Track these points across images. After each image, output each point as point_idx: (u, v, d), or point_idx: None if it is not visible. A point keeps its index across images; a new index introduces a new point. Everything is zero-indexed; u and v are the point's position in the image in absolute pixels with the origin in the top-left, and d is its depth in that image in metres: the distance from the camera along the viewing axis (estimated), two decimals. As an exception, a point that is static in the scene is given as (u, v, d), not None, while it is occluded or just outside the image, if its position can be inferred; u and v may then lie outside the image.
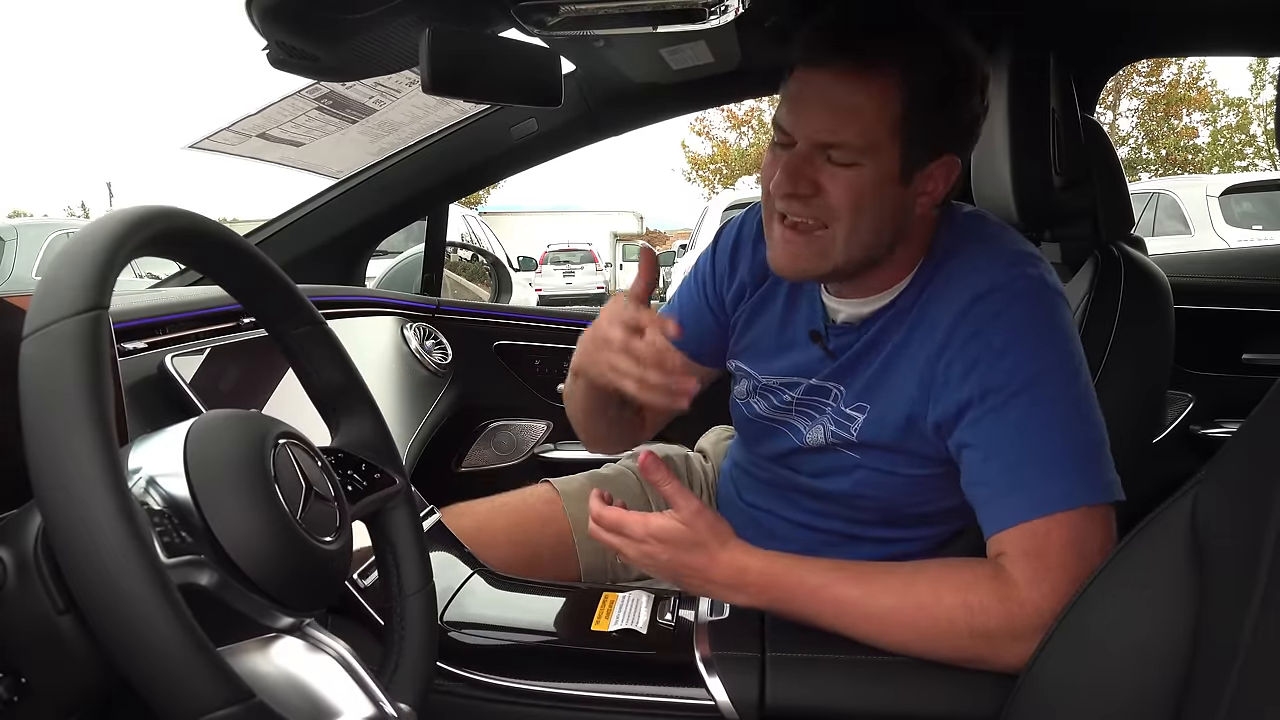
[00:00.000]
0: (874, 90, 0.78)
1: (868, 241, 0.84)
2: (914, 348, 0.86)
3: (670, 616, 0.87)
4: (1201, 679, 0.56)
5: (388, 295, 1.66)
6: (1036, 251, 0.88)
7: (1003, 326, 0.81)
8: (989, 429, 0.80)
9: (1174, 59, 16.25)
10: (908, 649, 0.78)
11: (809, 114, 0.81)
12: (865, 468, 0.92)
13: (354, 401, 0.74)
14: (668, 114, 1.70)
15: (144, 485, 0.53)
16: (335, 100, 1.45)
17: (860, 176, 0.80)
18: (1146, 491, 0.77)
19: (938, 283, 0.87)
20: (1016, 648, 0.73)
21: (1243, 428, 0.60)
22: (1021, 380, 0.79)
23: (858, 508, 0.95)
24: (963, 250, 0.87)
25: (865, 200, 0.81)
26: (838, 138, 0.79)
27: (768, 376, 0.99)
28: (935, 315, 0.85)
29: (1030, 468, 0.78)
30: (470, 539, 1.05)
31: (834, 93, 0.79)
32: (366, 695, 0.58)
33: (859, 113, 0.79)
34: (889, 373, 0.88)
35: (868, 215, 0.82)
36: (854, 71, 0.79)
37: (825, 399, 0.94)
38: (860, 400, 0.90)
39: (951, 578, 0.78)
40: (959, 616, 0.75)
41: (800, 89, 0.82)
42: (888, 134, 0.79)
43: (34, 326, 0.45)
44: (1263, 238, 6.17)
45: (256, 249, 0.64)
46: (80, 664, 0.48)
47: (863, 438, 0.90)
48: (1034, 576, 0.75)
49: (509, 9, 1.00)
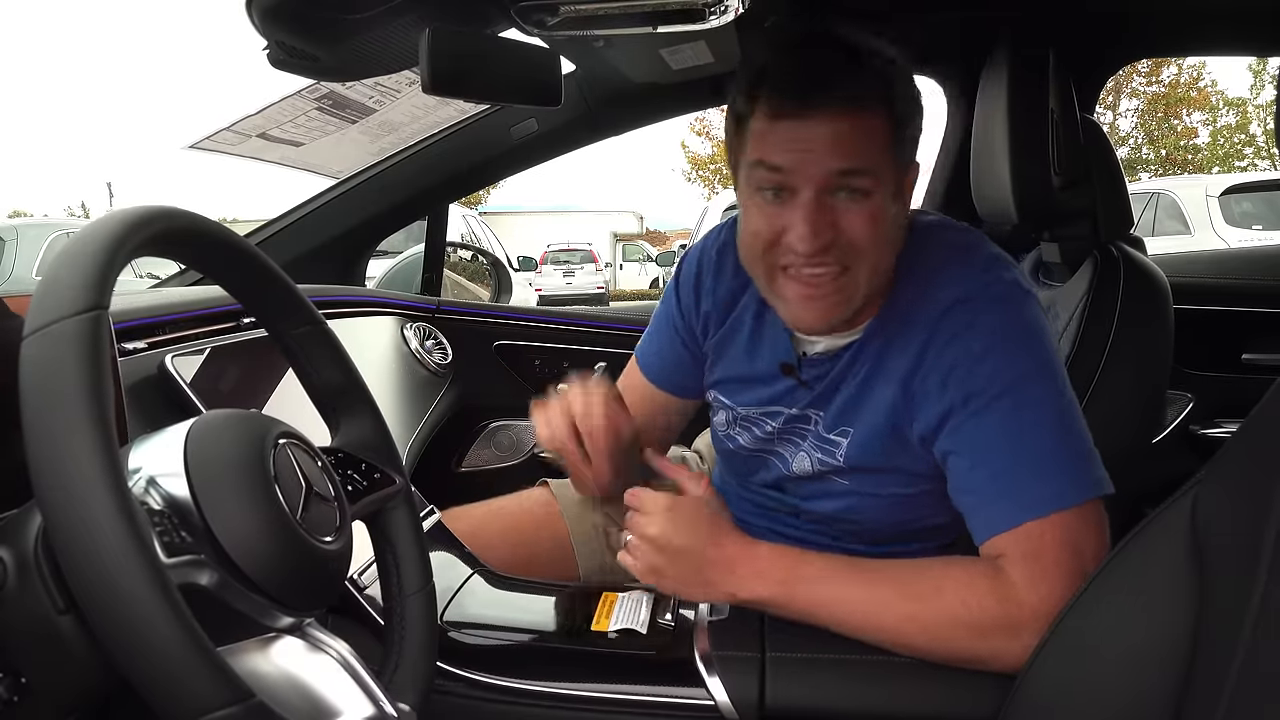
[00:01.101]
0: (868, 121, 0.78)
1: (884, 269, 0.84)
2: (891, 363, 0.85)
3: (670, 616, 0.87)
4: (1201, 679, 0.56)
5: (388, 295, 1.66)
6: (1005, 255, 0.88)
7: (979, 332, 0.81)
8: (972, 435, 0.80)
9: (1174, 59, 16.26)
10: (905, 643, 0.78)
11: (817, 150, 0.77)
12: (855, 493, 0.91)
13: (354, 401, 0.74)
14: (668, 114, 1.71)
15: (144, 485, 0.53)
16: (335, 100, 1.45)
17: (874, 204, 0.79)
18: (1146, 491, 0.77)
19: (909, 296, 0.86)
20: (1013, 647, 0.73)
21: (1242, 428, 0.60)
22: (1002, 384, 0.79)
23: (848, 529, 0.95)
24: (931, 260, 0.86)
25: (881, 228, 0.80)
26: (853, 163, 0.78)
27: (746, 407, 0.98)
28: (909, 329, 0.84)
29: (1018, 471, 0.77)
30: (470, 540, 1.04)
31: (832, 129, 0.77)
32: (366, 695, 0.58)
33: (860, 141, 0.78)
34: (867, 393, 0.87)
35: (884, 243, 0.81)
36: (847, 109, 0.77)
37: (806, 425, 0.93)
38: (841, 425, 0.90)
39: (952, 574, 0.78)
40: (958, 613, 0.75)
41: (795, 134, 0.78)
42: (887, 154, 0.79)
43: (34, 326, 0.45)
44: (1263, 238, 6.17)
45: (256, 249, 0.64)
46: (80, 664, 0.48)
47: (850, 462, 0.90)
48: (1032, 578, 0.75)
49: (509, 9, 1.00)
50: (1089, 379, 1.06)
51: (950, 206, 1.59)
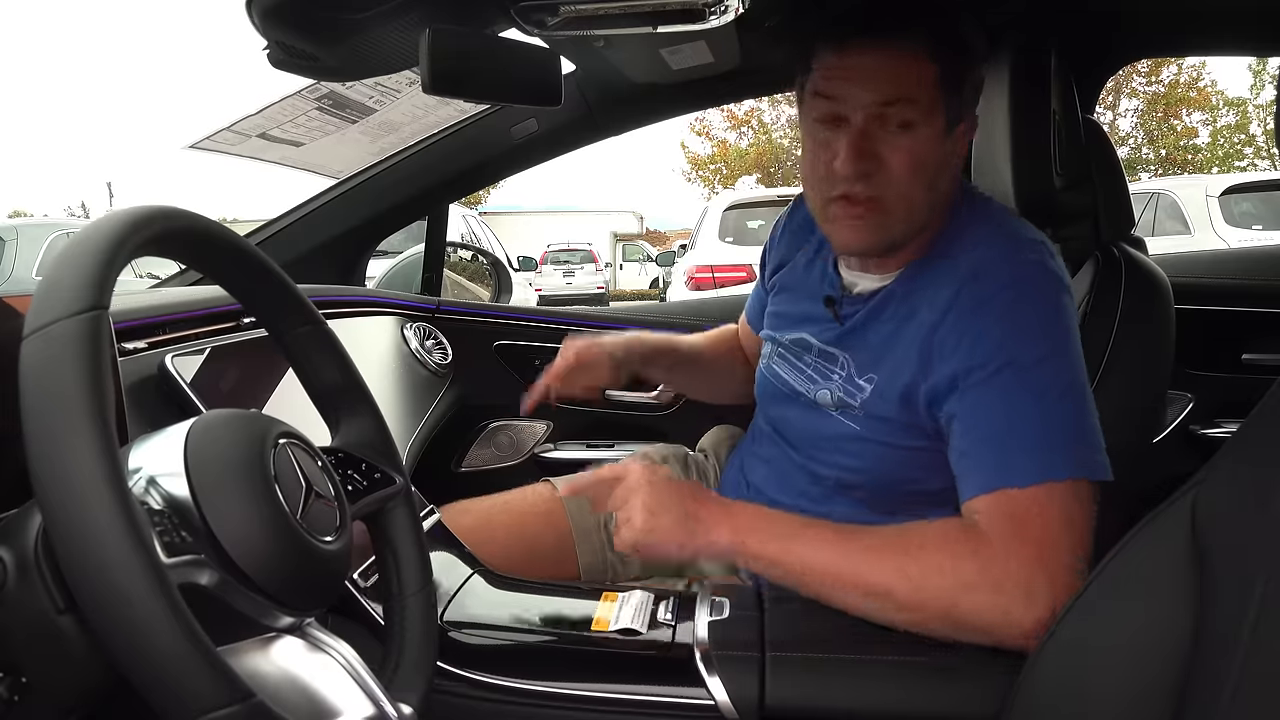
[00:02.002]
0: (911, 56, 0.83)
1: (924, 206, 0.87)
2: (919, 318, 0.88)
3: (670, 616, 0.87)
4: (1201, 679, 0.56)
5: (388, 295, 1.66)
6: (1046, 240, 0.90)
7: (999, 304, 0.82)
8: (975, 400, 0.82)
9: (1174, 59, 16.26)
10: (894, 599, 0.76)
11: (862, 82, 0.84)
12: (863, 439, 0.93)
13: (354, 401, 0.74)
14: (668, 114, 1.70)
15: (144, 485, 0.53)
16: (335, 100, 1.45)
17: (917, 139, 0.84)
18: (1146, 491, 0.77)
19: (946, 254, 0.89)
20: (995, 605, 0.73)
21: (1242, 427, 0.60)
22: (1009, 354, 0.80)
23: (855, 485, 0.96)
24: (973, 230, 0.90)
25: (925, 163, 0.85)
26: (899, 92, 0.82)
27: (786, 335, 1.05)
28: (938, 287, 0.87)
29: (1012, 439, 0.78)
30: (470, 537, 1.05)
31: (878, 59, 0.83)
32: (366, 695, 0.58)
33: (905, 74, 0.83)
34: (895, 344, 0.90)
35: (926, 179, 0.86)
36: (889, 45, 0.83)
37: (834, 366, 0.96)
38: (870, 372, 0.92)
39: (934, 529, 0.79)
40: (946, 564, 0.75)
41: (840, 67, 0.85)
42: (935, 89, 0.84)
43: (34, 326, 0.45)
44: (1263, 238, 6.16)
45: (256, 249, 0.64)
46: (80, 664, 0.48)
47: (866, 408, 0.92)
48: (1006, 538, 0.75)
49: (509, 9, 1.00)
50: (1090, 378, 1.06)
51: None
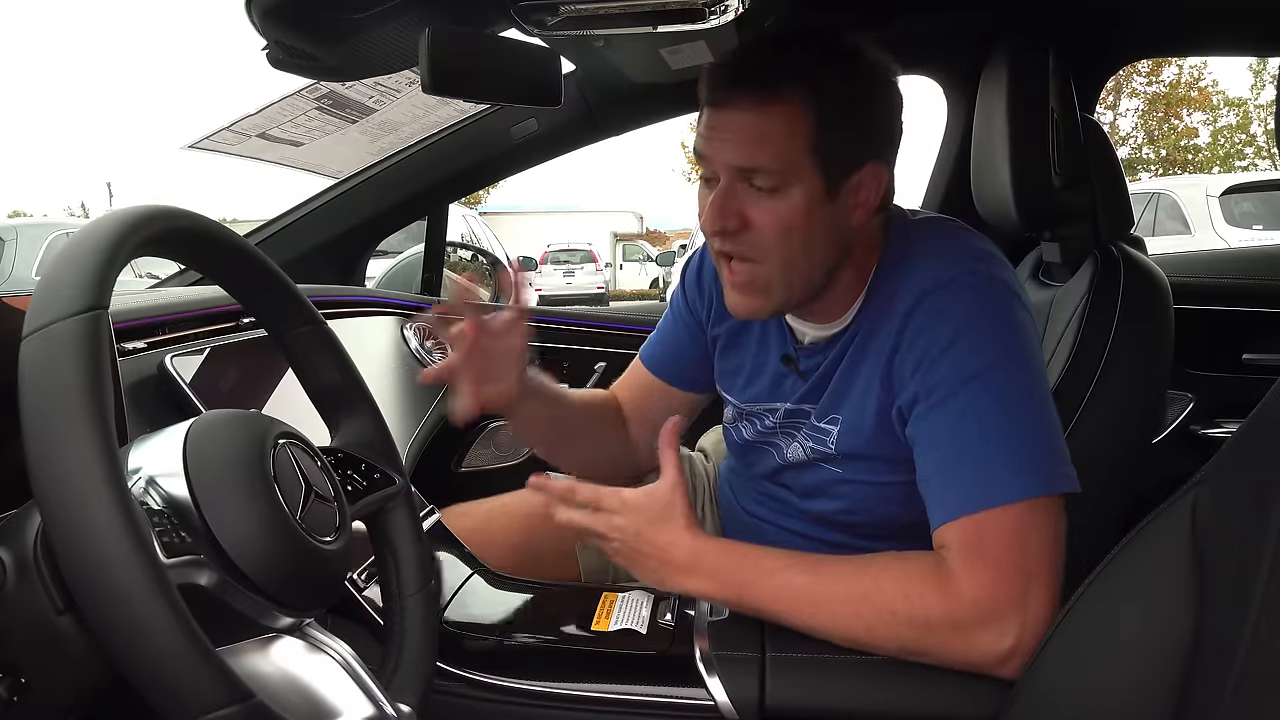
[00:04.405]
0: (781, 117, 0.78)
1: (804, 268, 0.83)
2: (873, 349, 0.86)
3: (670, 616, 0.87)
4: (1202, 679, 0.56)
5: (388, 295, 1.66)
6: (995, 252, 0.87)
7: (949, 320, 0.81)
8: (932, 425, 0.80)
9: (1174, 59, 16.26)
10: (852, 638, 0.77)
11: (723, 143, 0.81)
12: (850, 481, 0.92)
13: (354, 401, 0.74)
14: (668, 114, 1.70)
15: (144, 485, 0.53)
16: (335, 100, 1.45)
17: (786, 202, 0.80)
18: (1146, 491, 0.77)
19: (890, 286, 0.86)
20: (958, 642, 0.73)
21: (1242, 428, 0.60)
22: (963, 376, 0.79)
23: (852, 524, 0.95)
24: (913, 251, 0.87)
25: (794, 226, 0.80)
26: (755, 162, 0.79)
27: (747, 403, 1.00)
28: (888, 317, 0.85)
29: (968, 463, 0.77)
30: (470, 539, 1.05)
31: (743, 122, 0.79)
32: (366, 695, 0.58)
33: (771, 138, 0.78)
34: (852, 380, 0.88)
35: (799, 241, 0.81)
36: (758, 102, 0.79)
37: (802, 419, 0.94)
38: (830, 413, 0.90)
39: (895, 567, 0.78)
40: (899, 606, 0.75)
41: (712, 121, 0.82)
42: (804, 154, 0.79)
43: (34, 326, 0.45)
44: (1263, 238, 6.16)
45: (256, 249, 0.64)
46: (80, 664, 0.48)
47: (840, 449, 0.90)
48: (971, 569, 0.74)
49: (509, 9, 1.00)
50: (1089, 379, 1.06)
51: (950, 206, 1.59)
